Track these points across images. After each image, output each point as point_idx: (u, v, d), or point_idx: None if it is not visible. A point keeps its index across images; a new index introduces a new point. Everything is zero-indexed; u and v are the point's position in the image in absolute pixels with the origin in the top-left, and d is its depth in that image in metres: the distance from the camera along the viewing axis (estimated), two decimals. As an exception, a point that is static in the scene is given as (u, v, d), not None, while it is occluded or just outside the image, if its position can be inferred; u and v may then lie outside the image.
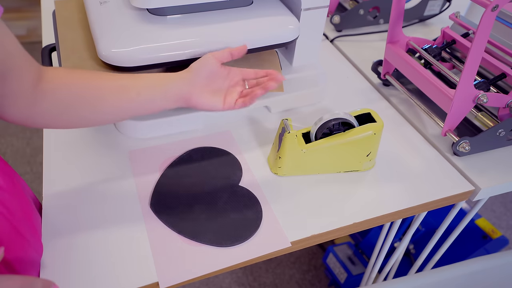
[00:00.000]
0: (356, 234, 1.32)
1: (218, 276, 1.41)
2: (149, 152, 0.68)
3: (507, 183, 0.69)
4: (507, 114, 0.70)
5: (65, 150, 0.67)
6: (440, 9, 1.11)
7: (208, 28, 0.62)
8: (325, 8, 0.70)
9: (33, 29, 2.31)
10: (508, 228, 1.65)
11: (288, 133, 0.62)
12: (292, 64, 0.76)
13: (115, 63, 0.59)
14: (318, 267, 1.44)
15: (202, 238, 0.56)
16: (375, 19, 1.07)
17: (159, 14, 0.62)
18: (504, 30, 0.78)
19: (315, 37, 0.73)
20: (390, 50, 0.80)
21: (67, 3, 0.75)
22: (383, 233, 0.84)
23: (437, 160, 0.72)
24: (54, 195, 0.60)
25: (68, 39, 0.68)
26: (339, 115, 0.62)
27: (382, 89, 0.87)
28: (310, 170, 0.66)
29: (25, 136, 1.85)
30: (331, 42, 1.03)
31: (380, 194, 0.65)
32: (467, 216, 0.80)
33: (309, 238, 0.59)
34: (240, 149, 0.70)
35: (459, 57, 0.83)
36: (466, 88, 0.65)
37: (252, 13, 0.66)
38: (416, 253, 1.22)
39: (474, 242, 1.19)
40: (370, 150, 0.65)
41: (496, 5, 0.55)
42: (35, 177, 1.67)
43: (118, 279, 0.52)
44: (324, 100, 0.82)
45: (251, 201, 0.62)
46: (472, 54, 0.60)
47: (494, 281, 0.81)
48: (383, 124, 0.64)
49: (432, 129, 0.78)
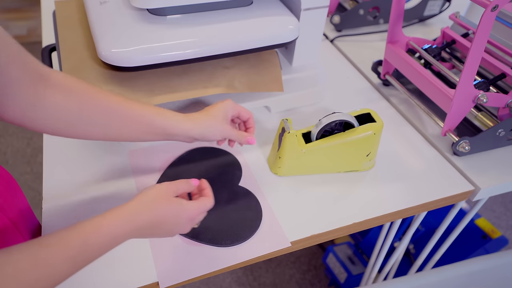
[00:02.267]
0: (356, 234, 1.32)
1: (218, 276, 1.41)
2: (149, 152, 0.68)
3: (507, 183, 0.69)
4: (507, 114, 0.70)
5: (65, 150, 0.67)
6: (440, 9, 1.11)
7: (208, 28, 0.62)
8: (325, 8, 0.70)
9: (33, 29, 2.31)
10: (508, 228, 1.65)
11: (288, 133, 0.62)
12: (292, 64, 0.76)
13: (115, 63, 0.59)
14: (318, 267, 1.44)
15: (202, 238, 0.56)
16: (375, 19, 1.07)
17: (159, 14, 0.62)
18: (504, 30, 0.78)
19: (315, 37, 0.73)
20: (390, 50, 0.80)
21: (67, 3, 0.75)
22: (383, 233, 0.84)
23: (437, 160, 0.72)
24: (54, 195, 0.60)
25: (68, 39, 0.68)
26: (339, 115, 0.62)
27: (382, 89, 0.87)
28: (310, 170, 0.66)
29: (25, 136, 1.85)
30: (331, 42, 1.03)
31: (380, 194, 0.65)
32: (467, 216, 0.80)
33: (309, 238, 0.59)
34: (240, 149, 0.70)
35: (459, 57, 0.83)
36: (466, 88, 0.65)
37: (252, 13, 0.66)
38: (416, 253, 1.22)
39: (474, 242, 1.19)
40: (370, 150, 0.65)
41: (496, 5, 0.55)
42: (35, 177, 1.67)
43: (118, 279, 0.52)
44: (324, 100, 0.82)
45: (251, 201, 0.62)
46: (472, 54, 0.60)
47: (494, 281, 0.81)
48: (383, 124, 0.64)
49: (432, 129, 0.78)
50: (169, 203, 0.46)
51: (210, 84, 0.67)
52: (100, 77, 0.63)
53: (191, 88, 0.66)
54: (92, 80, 0.63)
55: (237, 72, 0.69)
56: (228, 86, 0.68)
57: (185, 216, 0.47)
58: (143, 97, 0.64)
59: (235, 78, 0.68)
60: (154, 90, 0.65)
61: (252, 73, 0.70)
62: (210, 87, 0.67)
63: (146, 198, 0.45)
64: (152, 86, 0.65)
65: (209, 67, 0.69)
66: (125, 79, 0.64)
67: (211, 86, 0.67)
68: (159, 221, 0.45)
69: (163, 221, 0.45)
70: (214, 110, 0.57)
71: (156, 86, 0.65)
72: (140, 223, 0.43)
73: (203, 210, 0.50)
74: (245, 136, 0.60)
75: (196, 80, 0.67)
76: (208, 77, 0.67)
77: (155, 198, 0.45)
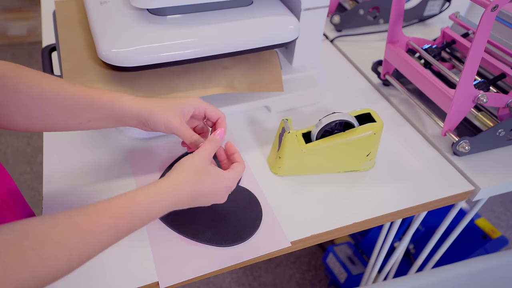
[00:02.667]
0: (356, 234, 1.32)
1: (218, 276, 1.41)
2: (149, 152, 0.68)
3: (507, 183, 0.69)
4: (507, 114, 0.70)
5: (65, 150, 0.67)
6: (440, 9, 1.11)
7: (208, 28, 0.62)
8: (325, 8, 0.70)
9: (33, 29, 2.30)
10: (508, 228, 1.65)
11: (288, 133, 0.62)
12: (292, 64, 0.76)
13: (115, 63, 0.59)
14: (318, 267, 1.44)
15: (202, 238, 0.56)
16: (375, 19, 1.07)
17: (159, 14, 0.62)
18: (504, 30, 0.78)
19: (315, 37, 0.73)
20: (390, 50, 0.80)
21: (67, 3, 0.75)
22: (383, 233, 0.84)
23: (437, 160, 0.72)
24: (54, 195, 0.60)
25: (68, 39, 0.68)
26: (339, 115, 0.62)
27: (382, 89, 0.87)
28: (310, 170, 0.66)
29: (25, 136, 1.85)
30: (331, 42, 1.03)
31: (380, 194, 0.65)
32: (467, 216, 0.80)
33: (309, 238, 0.59)
34: (240, 149, 0.70)
35: (459, 57, 0.83)
36: (466, 88, 0.65)
37: (252, 13, 0.66)
38: (416, 253, 1.22)
39: (474, 242, 1.19)
40: (370, 150, 0.65)
41: (496, 5, 0.55)
42: (35, 177, 1.67)
43: (118, 279, 0.52)
44: (324, 100, 0.82)
45: (251, 201, 0.62)
46: (472, 54, 0.60)
47: (494, 281, 0.81)
48: (383, 124, 0.64)
49: (432, 129, 0.78)
50: (208, 176, 0.47)
51: (210, 84, 0.67)
52: (100, 77, 0.63)
53: (191, 88, 0.66)
54: (92, 80, 0.63)
55: (237, 72, 0.69)
56: (228, 86, 0.68)
57: (223, 186, 0.49)
58: (143, 97, 0.64)
59: (235, 78, 0.68)
60: (154, 90, 0.65)
61: (252, 73, 0.70)
62: (210, 87, 0.67)
63: (185, 174, 0.46)
64: (152, 86, 0.65)
65: (209, 67, 0.69)
66: (125, 79, 0.64)
67: (211, 86, 0.67)
68: (199, 194, 0.46)
69: (202, 193, 0.47)
70: (174, 101, 0.53)
71: (156, 86, 0.65)
72: (180, 197, 0.45)
73: (238, 177, 0.51)
74: (195, 137, 0.53)
75: (196, 80, 0.67)
76: (208, 77, 0.67)
77: (194, 172, 0.46)
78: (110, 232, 0.39)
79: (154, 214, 0.43)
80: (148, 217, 0.42)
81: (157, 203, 0.43)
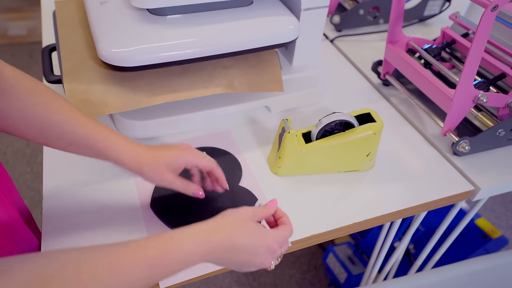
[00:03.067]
0: (356, 234, 1.32)
1: (218, 276, 1.40)
2: (149, 152, 0.68)
3: (507, 183, 0.69)
4: (507, 114, 0.70)
5: (65, 150, 0.67)
6: (440, 9, 1.11)
7: (208, 28, 0.62)
8: (325, 8, 0.70)
9: (33, 29, 2.30)
10: (508, 228, 1.65)
11: (288, 133, 0.62)
12: (292, 64, 0.76)
13: (115, 63, 0.59)
14: (318, 267, 1.44)
15: (202, 238, 0.56)
16: (375, 19, 1.07)
17: (159, 14, 0.62)
18: (504, 30, 0.78)
19: (315, 37, 0.74)
20: (390, 50, 0.80)
21: (67, 3, 0.75)
22: (383, 233, 0.84)
23: (437, 160, 0.72)
24: (54, 195, 0.60)
25: (68, 39, 0.68)
26: (339, 115, 0.62)
27: (382, 89, 0.87)
28: (310, 170, 0.66)
29: (25, 136, 1.85)
30: (331, 42, 1.03)
31: (380, 194, 0.65)
32: (467, 216, 0.80)
33: (309, 238, 0.59)
34: (240, 149, 0.70)
35: (459, 57, 0.83)
36: (466, 88, 0.65)
37: (252, 13, 0.66)
38: (416, 253, 1.22)
39: (474, 242, 1.19)
40: (370, 150, 0.65)
41: (496, 5, 0.55)
42: (35, 177, 1.67)
43: (118, 279, 0.52)
44: (324, 100, 0.82)
45: (251, 201, 0.62)
46: (472, 54, 0.60)
47: (494, 281, 0.81)
48: (383, 124, 0.64)
49: (432, 129, 0.78)
50: (246, 226, 0.44)
51: (210, 84, 0.67)
52: (100, 77, 0.63)
53: (191, 88, 0.66)
54: (92, 80, 0.63)
55: (237, 72, 0.69)
56: (228, 86, 0.68)
57: (263, 244, 0.44)
58: (143, 97, 0.64)
59: (235, 78, 0.68)
60: (154, 90, 0.65)
61: (252, 73, 0.70)
62: (210, 87, 0.67)
63: (223, 219, 0.44)
64: (152, 86, 0.65)
65: (209, 67, 0.69)
66: (125, 79, 0.64)
67: (211, 86, 0.67)
68: (234, 244, 0.42)
69: (237, 245, 0.42)
70: (165, 155, 0.52)
71: (156, 86, 0.65)
72: (214, 243, 0.41)
73: (283, 239, 0.47)
74: (191, 188, 0.54)
75: (196, 80, 0.67)
76: (208, 77, 0.67)
77: (231, 219, 0.44)
78: (145, 273, 0.37)
79: (191, 259, 0.40)
80: (186, 262, 0.40)
81: (192, 245, 0.40)
